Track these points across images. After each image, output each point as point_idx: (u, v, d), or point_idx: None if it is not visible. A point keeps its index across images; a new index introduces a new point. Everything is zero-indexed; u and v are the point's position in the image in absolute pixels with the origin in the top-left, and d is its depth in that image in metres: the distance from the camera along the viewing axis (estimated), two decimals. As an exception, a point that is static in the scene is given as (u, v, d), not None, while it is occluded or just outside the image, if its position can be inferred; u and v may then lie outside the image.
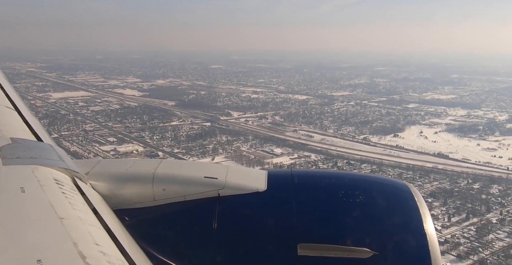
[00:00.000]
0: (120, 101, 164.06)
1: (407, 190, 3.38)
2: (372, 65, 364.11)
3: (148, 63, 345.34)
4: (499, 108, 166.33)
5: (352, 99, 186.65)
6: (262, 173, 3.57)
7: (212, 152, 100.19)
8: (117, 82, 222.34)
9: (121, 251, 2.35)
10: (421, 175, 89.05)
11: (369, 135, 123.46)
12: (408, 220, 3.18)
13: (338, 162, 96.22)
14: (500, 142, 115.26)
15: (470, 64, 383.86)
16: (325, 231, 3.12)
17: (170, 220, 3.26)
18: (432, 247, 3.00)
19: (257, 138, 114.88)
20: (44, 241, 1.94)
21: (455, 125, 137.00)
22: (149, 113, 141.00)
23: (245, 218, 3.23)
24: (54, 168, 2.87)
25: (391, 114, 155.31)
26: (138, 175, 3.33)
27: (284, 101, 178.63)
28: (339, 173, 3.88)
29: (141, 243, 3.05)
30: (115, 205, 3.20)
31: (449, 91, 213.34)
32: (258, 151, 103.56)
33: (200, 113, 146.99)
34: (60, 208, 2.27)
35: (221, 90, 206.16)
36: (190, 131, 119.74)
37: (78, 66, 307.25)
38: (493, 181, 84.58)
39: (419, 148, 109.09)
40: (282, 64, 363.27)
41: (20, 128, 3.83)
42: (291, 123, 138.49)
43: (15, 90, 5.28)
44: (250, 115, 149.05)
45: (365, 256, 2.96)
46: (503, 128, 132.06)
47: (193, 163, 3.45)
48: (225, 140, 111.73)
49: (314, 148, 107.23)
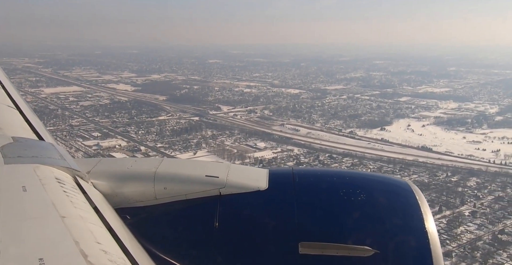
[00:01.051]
0: (111, 96, 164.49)
1: (408, 188, 3.41)
2: (371, 58, 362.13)
3: (146, 58, 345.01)
4: (491, 101, 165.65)
5: (345, 92, 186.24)
6: (263, 171, 3.59)
7: (195, 146, 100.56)
8: (111, 77, 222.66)
9: (123, 249, 2.33)
10: (401, 168, 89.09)
11: (355, 128, 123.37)
12: (409, 218, 3.19)
13: (320, 156, 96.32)
14: (486, 135, 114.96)
15: (470, 57, 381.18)
16: (326, 229, 3.14)
17: (171, 219, 3.29)
18: (434, 245, 3.00)
19: (242, 132, 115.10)
20: (45, 240, 1.94)
21: (444, 118, 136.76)
22: (138, 108, 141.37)
23: (246, 216, 3.25)
24: (56, 167, 2.85)
25: (381, 107, 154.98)
26: (140, 173, 3.36)
27: (276, 95, 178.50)
28: (340, 172, 3.92)
29: (142, 241, 3.06)
30: (116, 204, 3.22)
31: (444, 84, 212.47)
32: (241, 145, 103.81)
33: (190, 108, 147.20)
34: (62, 207, 2.26)
35: (214, 84, 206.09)
36: (176, 125, 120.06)
37: (75, 61, 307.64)
38: (472, 174, 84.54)
39: (404, 141, 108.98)
40: (281, 58, 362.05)
41: (22, 127, 3.85)
42: (279, 117, 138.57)
43: (16, 89, 5.35)
44: (240, 109, 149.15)
45: (366, 255, 2.94)
46: (491, 121, 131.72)
47: (195, 162, 3.47)
48: (210, 134, 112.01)
49: (298, 142, 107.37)
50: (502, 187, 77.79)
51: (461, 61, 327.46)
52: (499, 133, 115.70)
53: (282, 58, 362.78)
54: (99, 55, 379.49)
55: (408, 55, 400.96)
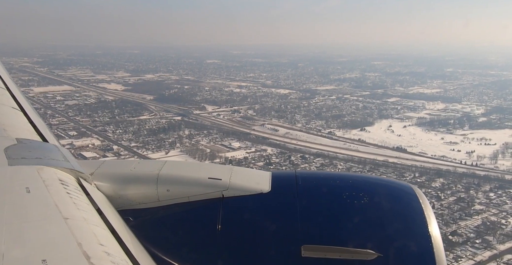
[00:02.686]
0: (99, 95, 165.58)
1: (412, 192, 3.39)
2: (370, 59, 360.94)
3: (144, 58, 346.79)
4: (480, 102, 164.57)
5: (335, 93, 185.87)
6: (266, 174, 3.61)
7: (169, 146, 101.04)
8: (105, 76, 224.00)
9: (126, 251, 2.33)
10: (371, 168, 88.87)
11: (335, 129, 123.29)
12: (412, 222, 3.19)
13: (292, 156, 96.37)
14: (465, 136, 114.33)
15: (470, 58, 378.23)
16: (329, 232, 3.14)
17: (174, 221, 3.30)
18: (437, 250, 2.98)
19: (221, 132, 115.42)
20: (48, 241, 1.95)
21: (427, 119, 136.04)
22: (122, 107, 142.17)
23: (249, 219, 3.26)
24: (59, 169, 2.88)
25: (367, 108, 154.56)
26: (143, 175, 3.39)
27: (264, 95, 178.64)
28: (343, 175, 3.93)
29: (145, 243, 3.08)
30: (119, 206, 3.25)
31: (436, 85, 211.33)
32: (216, 145, 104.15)
33: (175, 107, 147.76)
34: (65, 208, 2.28)
35: (206, 84, 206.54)
36: (156, 125, 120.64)
37: (73, 61, 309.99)
38: (439, 175, 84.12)
39: (381, 142, 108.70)
40: (279, 59, 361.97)
41: (26, 129, 3.88)
42: (262, 117, 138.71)
43: (21, 91, 5.42)
44: (225, 109, 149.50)
45: (369, 258, 2.94)
46: (474, 122, 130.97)
47: (198, 164, 3.95)
48: (188, 134, 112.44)
49: (274, 142, 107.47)
50: (466, 188, 77.44)
51: (460, 62, 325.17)
52: (479, 134, 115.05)
53: (281, 59, 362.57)
54: (100, 55, 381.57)
55: (408, 56, 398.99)
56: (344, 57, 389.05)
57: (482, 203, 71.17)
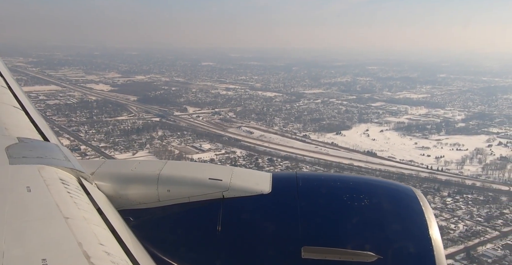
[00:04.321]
0: (83, 95, 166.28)
1: (413, 194, 3.39)
2: (366, 63, 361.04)
3: (141, 60, 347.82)
4: (463, 107, 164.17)
5: (322, 97, 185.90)
6: (267, 175, 3.62)
7: (138, 146, 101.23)
8: (95, 77, 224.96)
9: (126, 251, 2.34)
10: (336, 172, 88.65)
11: (311, 132, 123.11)
12: (413, 224, 3.19)
13: (259, 158, 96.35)
14: (439, 141, 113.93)
15: (467, 63, 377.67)
16: (329, 234, 3.14)
17: (174, 221, 3.32)
18: (437, 252, 2.97)
19: (194, 134, 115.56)
20: (49, 241, 1.94)
21: (405, 123, 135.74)
22: (102, 108, 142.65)
23: (249, 220, 3.26)
24: (60, 168, 2.89)
25: (349, 112, 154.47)
26: (143, 176, 3.41)
27: (250, 97, 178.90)
28: (344, 177, 3.87)
29: (145, 243, 3.08)
30: (120, 206, 3.27)
31: (425, 91, 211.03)
32: (187, 146, 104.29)
33: (156, 109, 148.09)
34: (65, 208, 2.28)
35: (194, 86, 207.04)
36: (132, 126, 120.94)
37: (68, 61, 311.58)
38: (401, 179, 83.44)
39: (353, 145, 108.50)
40: (275, 62, 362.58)
41: (27, 128, 3.90)
42: (242, 119, 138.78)
43: (22, 90, 5.48)
44: (206, 111, 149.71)
45: (370, 260, 2.93)
46: (452, 127, 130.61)
47: (198, 165, 3.85)
48: (161, 135, 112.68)
49: (245, 145, 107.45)
50: (425, 193, 75.03)
51: (455, 68, 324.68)
52: (454, 139, 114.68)
53: (277, 62, 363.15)
54: (97, 55, 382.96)
55: (405, 61, 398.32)
56: (340, 61, 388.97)
57: (437, 208, 70.79)
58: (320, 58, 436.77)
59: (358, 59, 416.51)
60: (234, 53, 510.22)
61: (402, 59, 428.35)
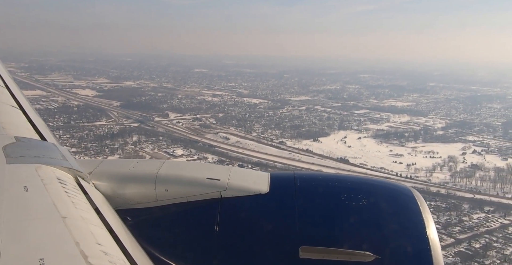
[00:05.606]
0: (66, 100, 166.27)
1: (410, 194, 3.39)
2: (359, 71, 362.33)
3: (134, 65, 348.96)
4: (445, 115, 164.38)
5: (307, 103, 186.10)
6: (265, 175, 3.60)
7: (109, 152, 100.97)
8: (83, 82, 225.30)
9: (123, 251, 2.32)
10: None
11: (288, 139, 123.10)
12: (410, 224, 3.20)
13: (230, 164, 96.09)
14: (415, 149, 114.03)
15: (460, 73, 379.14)
16: (327, 234, 3.13)
17: (172, 221, 3.31)
18: (435, 252, 2.98)
19: (170, 139, 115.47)
20: (46, 240, 1.94)
21: (384, 131, 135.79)
22: (82, 113, 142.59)
23: (247, 220, 3.26)
24: (58, 167, 2.87)
25: (331, 119, 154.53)
26: (141, 175, 3.40)
27: (234, 104, 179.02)
28: (341, 176, 3.86)
29: (143, 243, 3.05)
30: (117, 205, 3.26)
31: (412, 99, 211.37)
32: (159, 152, 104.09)
33: (137, 114, 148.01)
34: (63, 207, 2.27)
35: (181, 92, 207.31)
36: (108, 131, 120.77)
37: (60, 66, 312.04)
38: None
39: (327, 152, 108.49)
40: (268, 69, 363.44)
41: (25, 127, 3.88)
42: (221, 125, 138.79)
43: (20, 90, 5.46)
44: (187, 117, 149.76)
45: (367, 260, 2.93)
46: (430, 135, 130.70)
47: (196, 164, 4.22)
48: (135, 140, 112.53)
49: (219, 151, 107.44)
50: None
51: (446, 77, 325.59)
52: (430, 147, 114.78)
53: (270, 69, 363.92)
54: (91, 61, 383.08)
55: (399, 70, 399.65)
56: (334, 69, 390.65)
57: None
58: (315, 66, 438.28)
59: (351, 68, 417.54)
60: (229, 60, 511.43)
61: (395, 68, 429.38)
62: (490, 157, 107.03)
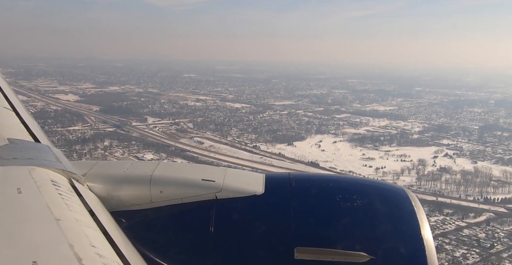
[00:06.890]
0: (45, 105, 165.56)
1: (405, 195, 3.38)
2: (349, 76, 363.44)
3: (124, 71, 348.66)
4: (425, 120, 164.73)
5: (289, 108, 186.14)
6: (260, 176, 3.60)
7: (77, 157, 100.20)
8: (67, 87, 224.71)
9: (118, 253, 2.31)
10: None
11: (263, 143, 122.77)
12: (405, 225, 3.19)
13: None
14: (388, 152, 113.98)
15: (449, 77, 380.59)
16: (322, 235, 3.12)
17: (167, 223, 3.28)
18: (429, 252, 2.97)
19: (142, 144, 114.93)
20: (40, 242, 1.91)
21: (361, 135, 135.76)
22: (59, 118, 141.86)
23: (242, 221, 3.24)
24: (51, 169, 2.83)
25: (310, 123, 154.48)
26: (136, 177, 3.37)
27: (216, 108, 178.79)
28: (336, 177, 3.90)
29: (137, 245, 3.02)
30: (112, 207, 3.23)
31: (395, 103, 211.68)
32: (129, 156, 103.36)
33: (115, 119, 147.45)
34: (57, 209, 2.25)
35: (165, 97, 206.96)
36: (80, 136, 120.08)
37: (47, 72, 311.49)
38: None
39: (300, 156, 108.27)
40: (258, 75, 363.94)
41: (18, 129, 3.83)
42: (198, 129, 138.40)
43: (13, 91, 5.41)
44: (165, 121, 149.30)
45: (362, 261, 2.93)
46: (405, 139, 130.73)
47: (191, 166, 4.09)
48: (107, 145, 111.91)
49: (189, 155, 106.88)
50: None
51: (434, 82, 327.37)
52: (403, 151, 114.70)
53: (260, 75, 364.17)
54: (80, 67, 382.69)
55: (389, 75, 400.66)
56: (324, 74, 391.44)
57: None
58: (305, 71, 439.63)
59: (342, 72, 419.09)
60: (220, 65, 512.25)
61: (386, 73, 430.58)
62: (460, 160, 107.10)
